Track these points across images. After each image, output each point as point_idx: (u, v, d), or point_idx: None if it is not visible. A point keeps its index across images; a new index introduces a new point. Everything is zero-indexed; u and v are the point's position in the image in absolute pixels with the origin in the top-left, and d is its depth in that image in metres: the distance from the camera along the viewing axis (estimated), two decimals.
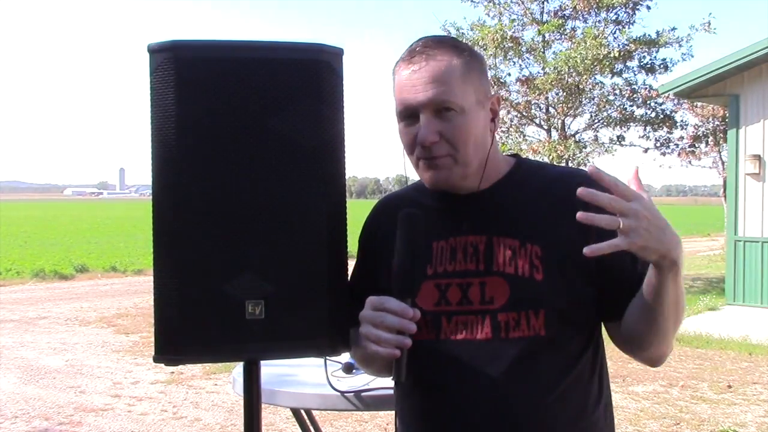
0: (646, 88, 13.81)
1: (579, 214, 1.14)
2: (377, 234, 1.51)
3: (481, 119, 1.38)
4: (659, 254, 1.16)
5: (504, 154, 1.50)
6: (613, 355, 1.70)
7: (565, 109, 13.47)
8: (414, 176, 1.46)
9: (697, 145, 16.75)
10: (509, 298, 1.33)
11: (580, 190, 1.14)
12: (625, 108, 14.13)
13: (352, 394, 2.08)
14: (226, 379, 6.31)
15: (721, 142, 16.49)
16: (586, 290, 1.34)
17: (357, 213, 1.62)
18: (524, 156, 1.75)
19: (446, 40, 1.42)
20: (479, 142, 1.37)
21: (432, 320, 1.37)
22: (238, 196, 1.34)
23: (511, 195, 1.41)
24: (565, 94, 13.19)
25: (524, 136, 14.15)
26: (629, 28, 13.34)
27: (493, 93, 1.44)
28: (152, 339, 1.38)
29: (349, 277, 1.43)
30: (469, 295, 1.36)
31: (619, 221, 1.13)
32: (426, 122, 1.33)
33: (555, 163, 12.39)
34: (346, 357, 2.27)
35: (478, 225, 1.40)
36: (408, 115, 1.36)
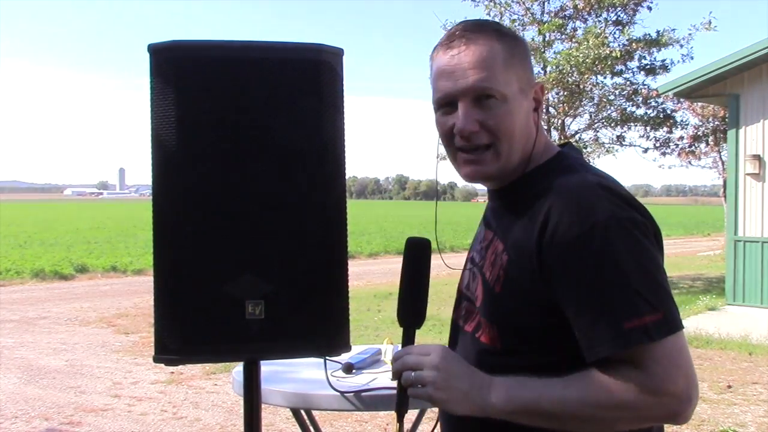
0: (645, 88, 13.81)
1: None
2: None
3: (524, 109, 1.29)
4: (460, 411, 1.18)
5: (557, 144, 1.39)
6: None
7: (566, 109, 13.47)
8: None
9: (697, 145, 16.75)
10: (482, 302, 1.32)
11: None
12: (625, 108, 14.13)
13: (352, 394, 2.08)
14: (226, 379, 6.31)
15: (721, 142, 16.48)
16: (539, 315, 1.20)
17: (357, 213, 1.62)
18: None
19: (488, 23, 1.33)
20: (522, 133, 1.28)
21: (457, 300, 1.45)
22: (238, 196, 1.34)
23: (517, 197, 1.30)
24: (565, 94, 13.19)
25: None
26: (630, 28, 13.35)
27: (537, 81, 1.35)
28: (152, 339, 1.38)
29: (348, 277, 1.43)
30: (471, 285, 1.39)
31: (412, 375, 1.19)
32: (465, 110, 1.25)
33: None
34: (345, 357, 2.27)
35: (492, 221, 1.39)
36: (446, 103, 1.28)
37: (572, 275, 1.15)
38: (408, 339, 1.32)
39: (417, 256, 1.33)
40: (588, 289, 1.14)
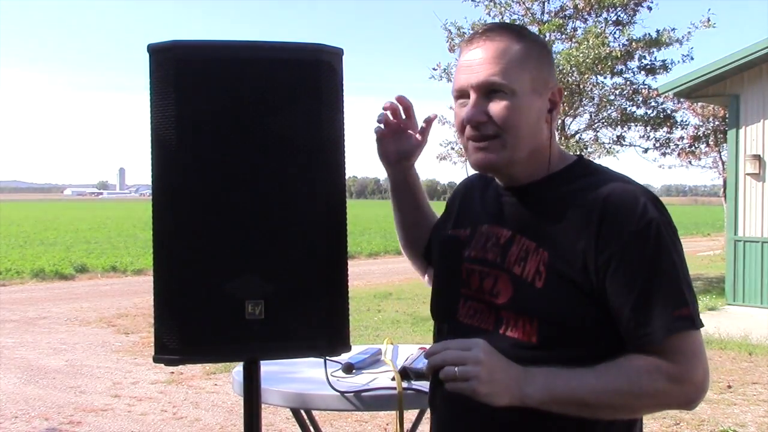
0: (646, 88, 13.82)
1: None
2: (457, 196, 1.61)
3: (534, 107, 1.34)
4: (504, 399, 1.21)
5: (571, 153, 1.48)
6: None
7: (566, 109, 13.47)
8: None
9: (697, 145, 16.75)
10: (510, 298, 1.33)
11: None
12: (625, 108, 14.14)
13: (352, 394, 2.07)
14: (226, 379, 6.31)
15: (721, 142, 16.48)
16: (585, 308, 1.27)
17: (357, 213, 1.63)
18: None
19: (510, 25, 1.42)
20: (531, 129, 1.34)
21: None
22: (238, 196, 1.34)
23: (548, 196, 1.36)
24: (565, 94, 13.20)
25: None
26: (630, 28, 13.36)
27: (555, 84, 1.41)
28: (152, 339, 1.38)
29: (348, 277, 1.43)
30: (484, 284, 1.38)
31: (455, 371, 1.19)
32: (474, 101, 1.33)
33: None
34: (345, 357, 2.27)
35: (508, 219, 1.40)
36: (461, 95, 1.37)
37: (630, 265, 1.24)
38: (440, 333, 1.33)
39: (450, 251, 1.35)
40: (644, 278, 1.24)
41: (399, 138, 1.67)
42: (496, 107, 1.31)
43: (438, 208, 1.76)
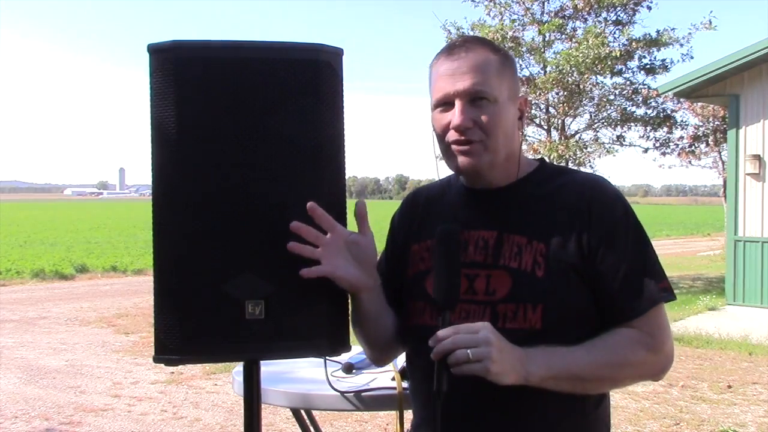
0: (646, 88, 13.82)
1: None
2: (398, 222, 1.65)
3: (511, 114, 1.45)
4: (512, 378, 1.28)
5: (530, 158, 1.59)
6: None
7: (566, 109, 13.47)
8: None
9: (697, 145, 16.75)
10: (510, 290, 1.39)
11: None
12: (625, 108, 14.14)
13: (352, 394, 2.08)
14: (226, 379, 6.31)
15: (721, 142, 16.48)
16: (583, 292, 1.39)
17: None
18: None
19: (483, 39, 1.52)
20: (508, 134, 1.44)
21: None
22: (238, 196, 1.34)
23: (527, 195, 1.46)
24: (565, 94, 13.19)
25: (524, 135, 14.14)
26: (630, 28, 13.36)
27: (522, 95, 1.52)
28: (152, 339, 1.38)
29: None
30: (475, 285, 1.42)
31: (467, 353, 1.24)
32: (461, 108, 1.40)
33: (555, 162, 12.40)
34: (345, 357, 2.27)
35: (491, 221, 1.46)
36: (445, 102, 1.43)
37: (616, 246, 1.39)
38: (444, 321, 1.34)
39: (449, 242, 1.37)
40: (630, 257, 1.40)
41: (347, 252, 1.39)
42: (482, 114, 1.40)
43: None
